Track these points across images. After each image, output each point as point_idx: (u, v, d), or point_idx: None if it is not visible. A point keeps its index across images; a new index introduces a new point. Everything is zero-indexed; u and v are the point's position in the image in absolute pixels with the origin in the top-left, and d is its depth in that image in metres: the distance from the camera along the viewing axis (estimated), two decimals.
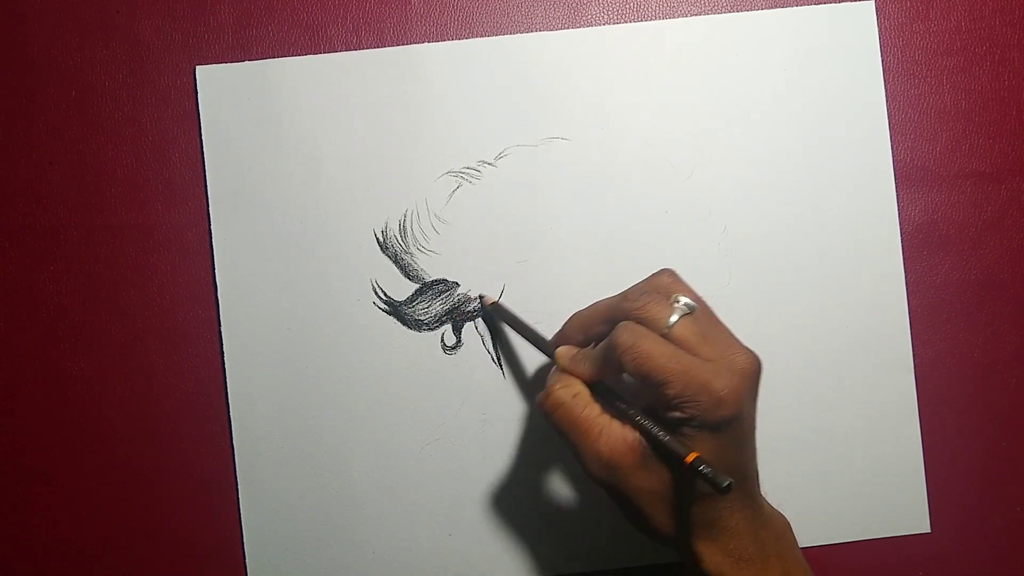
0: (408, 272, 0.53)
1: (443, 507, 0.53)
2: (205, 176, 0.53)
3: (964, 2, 0.54)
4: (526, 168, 0.52)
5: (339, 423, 0.53)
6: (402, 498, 0.53)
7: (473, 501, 0.53)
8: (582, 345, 0.47)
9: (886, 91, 0.53)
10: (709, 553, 0.43)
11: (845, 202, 0.53)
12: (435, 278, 0.53)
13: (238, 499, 0.53)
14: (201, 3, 0.53)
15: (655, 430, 0.41)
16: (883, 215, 0.53)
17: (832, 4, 0.53)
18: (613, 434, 0.43)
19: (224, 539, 0.53)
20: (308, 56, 0.53)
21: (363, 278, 0.53)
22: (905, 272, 0.53)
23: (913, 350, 0.53)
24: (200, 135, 0.53)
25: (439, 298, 0.53)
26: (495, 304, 0.52)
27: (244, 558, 0.53)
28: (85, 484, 0.53)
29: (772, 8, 0.53)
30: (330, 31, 0.53)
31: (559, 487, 0.53)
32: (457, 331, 0.53)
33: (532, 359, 0.53)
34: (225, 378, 0.52)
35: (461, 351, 0.53)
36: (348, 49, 0.53)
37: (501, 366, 0.53)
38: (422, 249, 0.53)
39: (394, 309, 0.53)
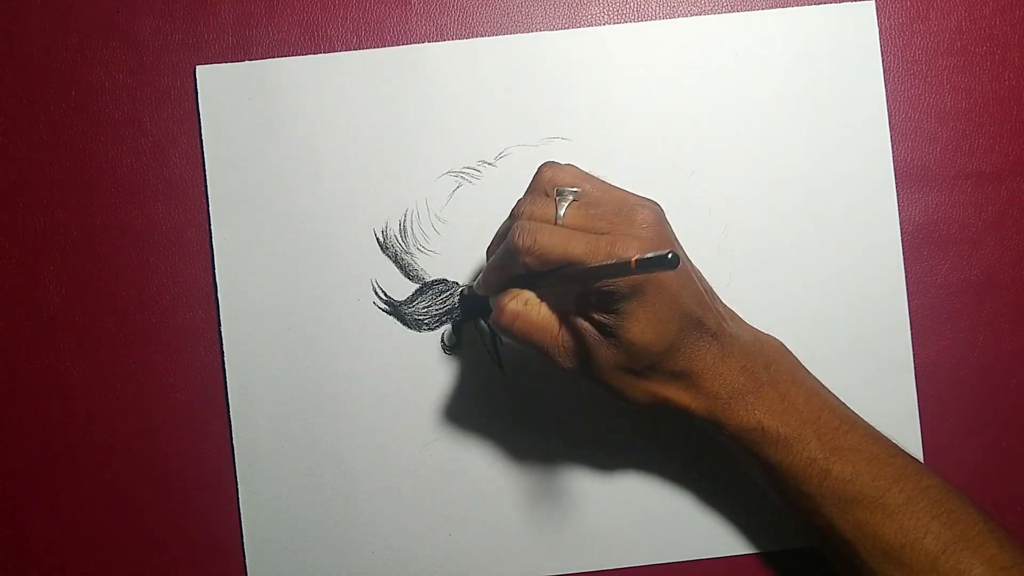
0: (408, 272, 0.53)
1: (443, 507, 0.53)
2: (205, 176, 0.53)
3: (964, 2, 0.54)
4: (526, 168, 0.52)
5: (339, 423, 0.53)
6: (402, 498, 0.53)
7: (473, 501, 0.53)
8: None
9: (886, 91, 0.53)
10: (694, 400, 0.44)
11: (845, 202, 0.53)
12: (435, 278, 0.53)
13: (238, 499, 0.53)
14: (201, 3, 0.53)
15: (595, 272, 0.41)
16: (883, 215, 0.53)
17: (832, 4, 0.53)
18: (570, 322, 0.43)
19: (224, 539, 0.53)
20: (308, 56, 0.53)
21: (363, 278, 0.53)
22: (905, 272, 0.53)
23: (913, 350, 0.53)
24: (200, 135, 0.53)
25: (439, 298, 0.53)
26: (465, 292, 0.52)
27: (244, 558, 0.53)
28: (84, 484, 0.53)
29: (772, 8, 0.53)
30: (330, 31, 0.53)
31: (559, 487, 0.53)
32: (457, 331, 0.53)
33: (533, 359, 0.53)
34: (225, 378, 0.52)
35: (461, 351, 0.53)
36: (348, 49, 0.53)
37: (501, 366, 0.53)
38: (422, 249, 0.53)
39: (394, 309, 0.53)
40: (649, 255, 0.38)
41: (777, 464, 0.45)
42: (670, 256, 0.37)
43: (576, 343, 0.43)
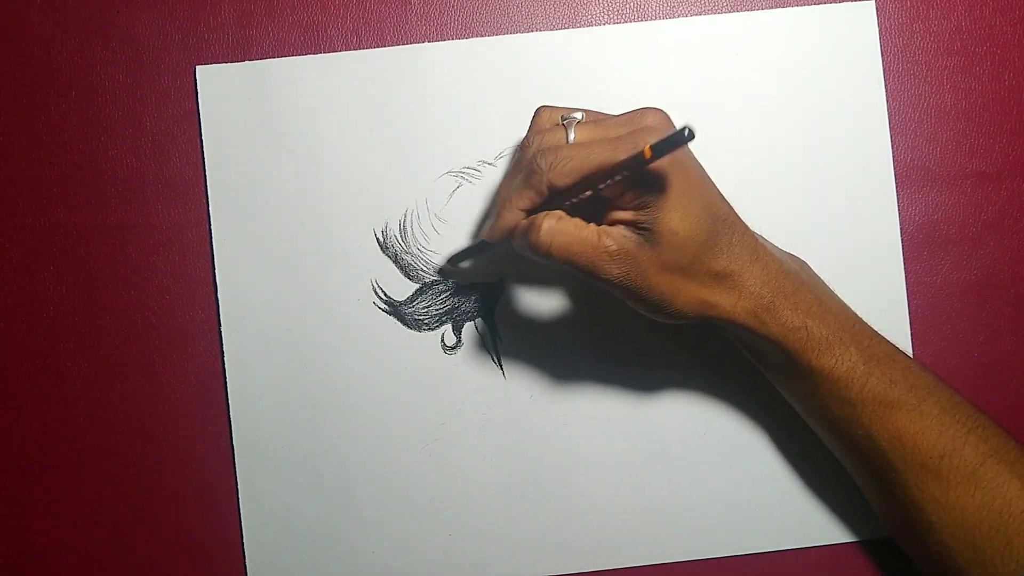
0: (408, 272, 0.53)
1: (443, 507, 0.53)
2: (205, 176, 0.53)
3: (964, 2, 0.54)
4: None
5: (339, 423, 0.53)
6: (402, 498, 0.53)
7: (473, 501, 0.53)
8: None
9: (886, 91, 0.53)
10: (738, 302, 0.44)
11: (845, 202, 0.53)
12: (435, 278, 0.53)
13: (238, 499, 0.53)
14: (201, 3, 0.53)
15: (616, 170, 0.41)
16: (883, 215, 0.53)
17: (832, 4, 0.53)
18: (610, 231, 0.43)
19: (224, 539, 0.53)
20: (308, 56, 0.53)
21: (363, 278, 0.53)
22: (905, 272, 0.53)
23: (913, 350, 0.53)
24: (200, 135, 0.53)
25: (439, 298, 0.53)
26: (452, 257, 0.52)
27: (244, 558, 0.53)
28: (85, 484, 0.53)
29: (772, 8, 0.53)
30: (330, 31, 0.53)
31: (560, 487, 0.53)
32: (457, 331, 0.53)
33: (533, 359, 0.53)
34: (225, 378, 0.52)
35: (461, 351, 0.53)
36: (348, 49, 0.53)
37: (501, 366, 0.53)
38: (422, 249, 0.53)
39: (394, 309, 0.53)
40: (663, 137, 0.38)
41: (819, 368, 0.45)
42: (686, 131, 0.37)
43: (618, 250, 0.43)
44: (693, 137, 0.38)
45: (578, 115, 0.44)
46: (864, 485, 0.48)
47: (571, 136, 0.44)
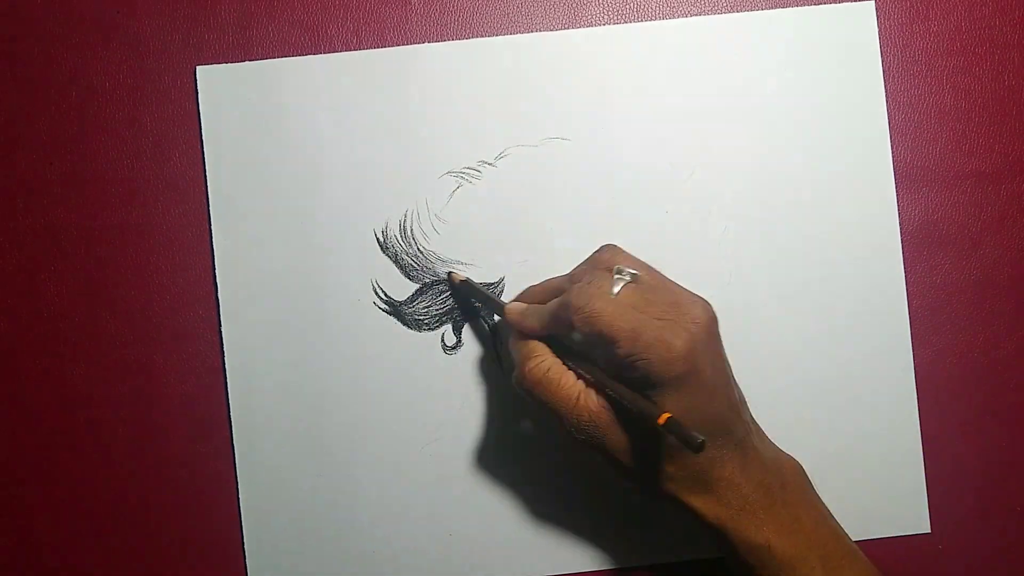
0: (408, 272, 0.53)
1: (443, 507, 0.53)
2: (205, 176, 0.53)
3: (964, 2, 0.54)
4: (526, 168, 0.52)
5: (339, 423, 0.53)
6: (402, 498, 0.53)
7: (473, 501, 0.53)
8: None
9: (886, 91, 0.53)
10: (706, 506, 0.44)
11: (845, 202, 0.53)
12: (435, 278, 0.53)
13: (238, 498, 0.53)
14: (201, 3, 0.53)
15: (625, 397, 0.42)
16: (883, 215, 0.53)
17: (832, 4, 0.53)
18: (591, 397, 0.43)
19: (224, 539, 0.53)
20: (308, 56, 0.53)
21: (363, 278, 0.53)
22: (905, 272, 0.53)
23: (913, 350, 0.53)
24: (200, 135, 0.53)
25: (439, 298, 0.53)
26: (464, 281, 0.52)
27: (244, 558, 0.53)
28: (84, 484, 0.53)
29: (772, 8, 0.53)
30: (330, 31, 0.53)
31: (560, 487, 0.53)
32: (457, 331, 0.53)
33: None
34: (225, 378, 0.52)
35: (461, 351, 0.53)
36: (348, 49, 0.53)
37: (501, 366, 0.53)
38: (423, 249, 0.53)
39: (394, 309, 0.53)
40: (681, 430, 0.39)
41: None
42: (699, 442, 0.38)
43: (589, 421, 0.43)
44: (701, 450, 0.39)
45: (631, 274, 0.43)
46: None
47: (615, 289, 0.43)
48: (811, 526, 0.45)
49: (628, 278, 0.43)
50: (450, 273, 0.52)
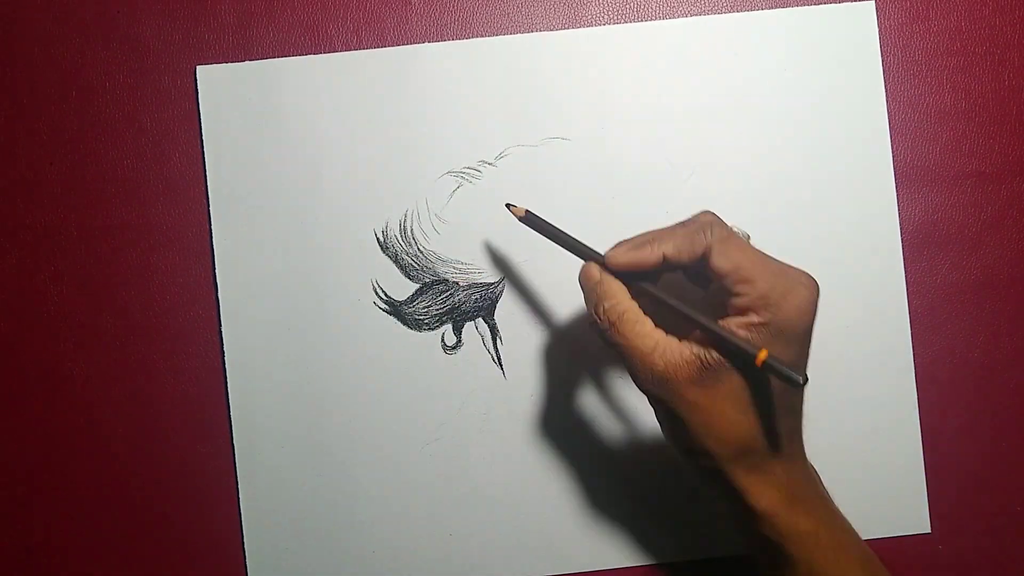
0: (408, 272, 0.53)
1: (443, 507, 0.53)
2: (205, 176, 0.53)
3: (964, 2, 0.54)
4: (526, 168, 0.52)
5: (339, 423, 0.53)
6: (402, 498, 0.53)
7: (473, 501, 0.53)
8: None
9: (886, 91, 0.53)
10: (760, 488, 0.42)
11: (845, 202, 0.53)
12: (435, 278, 0.53)
13: (238, 498, 0.53)
14: (202, 3, 0.53)
15: (720, 330, 0.41)
16: (883, 215, 0.53)
17: (832, 4, 0.53)
18: (670, 348, 0.42)
19: (224, 539, 0.53)
20: (309, 56, 0.53)
21: (363, 278, 0.53)
22: (905, 272, 0.53)
23: (913, 350, 0.53)
24: (201, 135, 0.53)
25: (439, 298, 0.53)
26: (528, 213, 0.48)
27: (244, 557, 0.53)
28: (85, 484, 0.53)
29: (772, 8, 0.53)
30: (330, 31, 0.53)
31: (559, 487, 0.53)
32: (457, 331, 0.53)
33: (533, 359, 0.53)
34: (225, 378, 0.52)
35: (461, 351, 0.53)
36: (348, 49, 0.53)
37: (501, 366, 0.53)
38: (423, 249, 0.53)
39: (394, 309, 0.53)
40: (782, 367, 0.39)
41: (821, 572, 0.43)
42: (802, 379, 0.38)
43: (664, 371, 0.41)
44: (803, 387, 0.39)
45: (747, 232, 0.43)
46: None
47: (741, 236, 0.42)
48: (845, 524, 0.45)
49: (746, 233, 0.43)
50: (510, 206, 0.48)
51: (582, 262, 0.45)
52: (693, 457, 0.43)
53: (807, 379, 0.39)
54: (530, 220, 0.48)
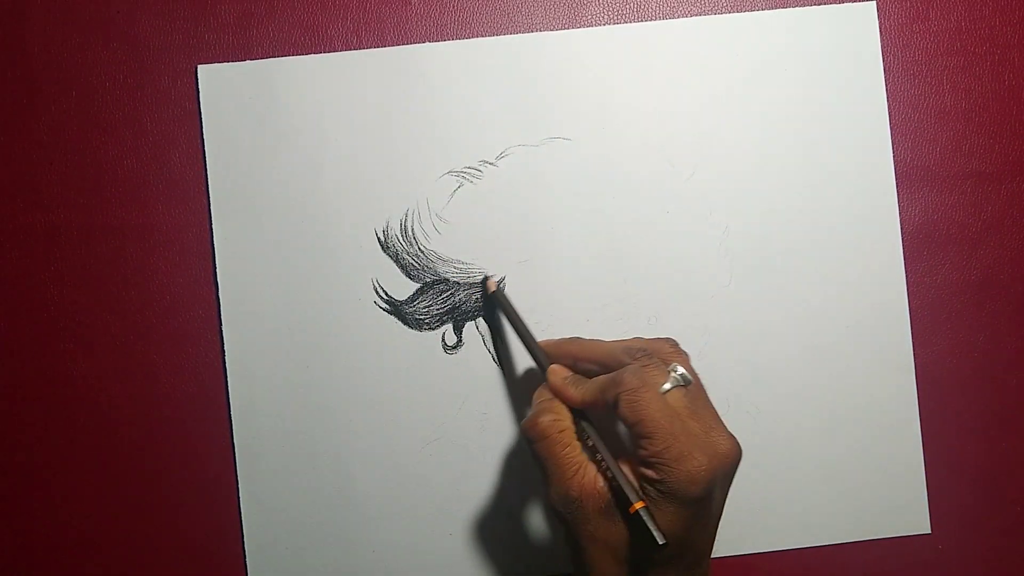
0: (409, 272, 0.53)
1: (443, 507, 0.53)
2: (206, 175, 0.53)
3: (964, 2, 0.54)
4: (527, 168, 0.52)
5: (339, 423, 0.53)
6: (402, 498, 0.53)
7: (473, 501, 0.53)
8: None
9: (887, 91, 0.53)
10: None
11: (846, 202, 0.53)
12: (436, 278, 0.53)
13: (238, 499, 0.53)
14: (202, 3, 0.53)
15: (618, 474, 0.42)
16: (884, 215, 0.53)
17: (833, 5, 0.53)
18: (587, 475, 0.43)
19: (224, 539, 0.53)
20: (309, 56, 0.53)
21: (364, 277, 0.53)
22: (906, 272, 0.53)
23: (913, 350, 0.53)
24: (201, 134, 0.53)
25: (440, 298, 0.53)
26: (496, 292, 0.51)
27: (244, 558, 0.53)
28: (85, 484, 0.53)
29: (773, 8, 0.53)
30: (331, 31, 0.53)
31: None
32: (458, 331, 0.53)
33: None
34: (226, 378, 0.52)
35: (462, 351, 0.53)
36: (348, 49, 0.53)
37: (502, 366, 0.53)
38: (423, 248, 0.53)
39: (395, 308, 0.53)
40: (650, 523, 0.40)
41: None
42: (662, 543, 0.39)
43: (579, 497, 0.42)
44: (662, 551, 0.40)
45: (687, 377, 0.43)
46: None
47: (665, 386, 0.43)
48: None
49: (681, 380, 0.43)
50: (486, 278, 0.52)
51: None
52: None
53: (666, 544, 0.39)
54: (497, 298, 0.51)
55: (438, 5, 0.53)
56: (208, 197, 0.53)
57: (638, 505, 0.40)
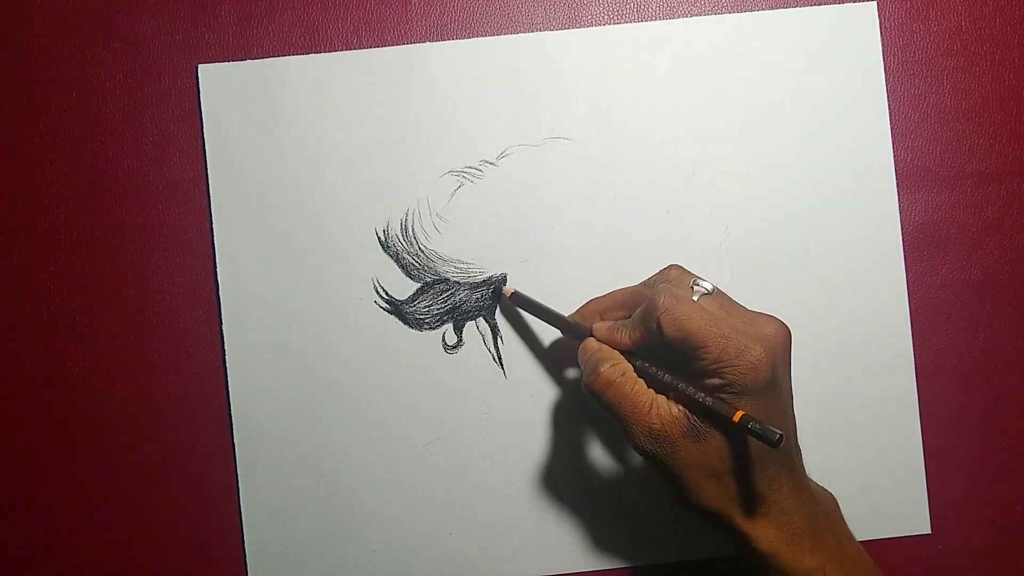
0: (409, 271, 0.53)
1: (443, 507, 0.53)
2: (207, 175, 0.53)
3: (965, 3, 0.54)
4: (528, 168, 0.52)
5: (339, 423, 0.53)
6: (402, 498, 0.53)
7: (473, 501, 0.53)
8: None
9: (887, 91, 0.53)
10: (761, 530, 0.44)
11: (846, 202, 0.53)
12: (437, 277, 0.53)
13: (238, 499, 0.53)
14: (202, 3, 0.53)
15: (700, 395, 0.42)
16: (884, 215, 0.53)
17: (834, 5, 0.53)
18: (663, 406, 0.43)
19: (224, 539, 0.53)
20: (310, 55, 0.53)
21: (364, 277, 0.53)
22: (906, 272, 0.53)
23: (913, 350, 0.53)
24: (202, 134, 0.53)
25: (440, 297, 0.53)
26: (515, 294, 0.52)
27: (244, 558, 0.53)
28: (85, 484, 0.53)
29: (774, 9, 0.53)
30: (331, 30, 0.53)
31: (559, 487, 0.53)
32: (458, 330, 0.53)
33: (533, 359, 0.53)
34: (226, 378, 0.52)
35: (462, 350, 0.53)
36: (349, 48, 0.53)
37: (502, 365, 0.53)
38: (424, 248, 0.53)
39: (395, 308, 0.53)
40: (758, 426, 0.40)
41: None
42: (778, 436, 0.39)
43: (660, 430, 0.43)
44: (779, 446, 0.39)
45: (710, 286, 0.45)
46: None
47: (695, 298, 0.44)
48: (855, 554, 0.45)
49: (705, 290, 0.44)
50: (501, 287, 0.52)
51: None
52: (695, 511, 0.44)
53: (783, 437, 0.40)
54: (518, 299, 0.51)
55: (438, 5, 0.53)
56: (208, 197, 0.53)
57: (738, 416, 0.40)
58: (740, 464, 0.43)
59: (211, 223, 0.53)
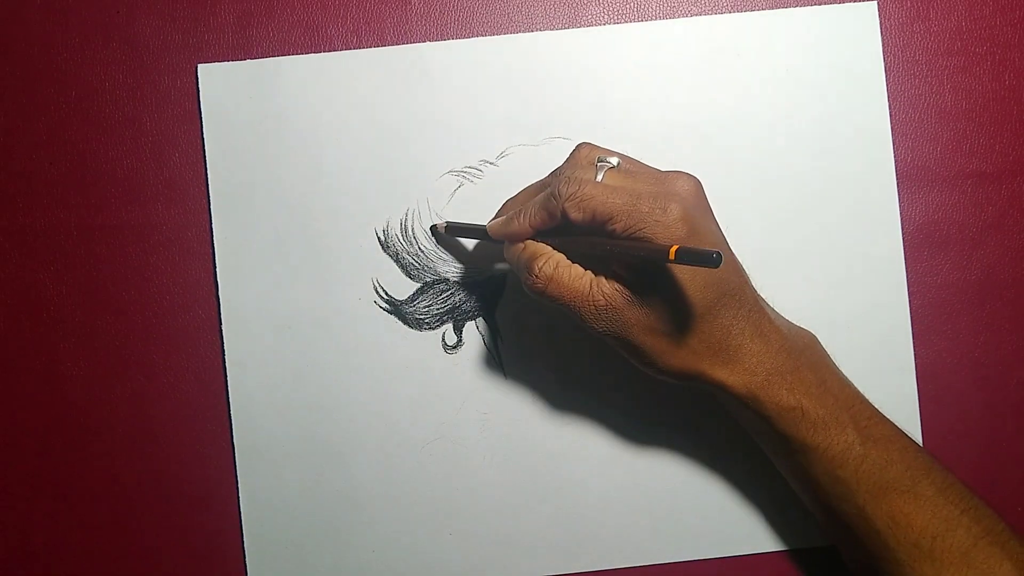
0: (409, 271, 0.53)
1: (443, 507, 0.53)
2: (206, 175, 0.53)
3: (965, 3, 0.54)
4: (528, 167, 0.52)
5: (339, 423, 0.53)
6: (402, 498, 0.53)
7: (473, 501, 0.53)
8: None
9: (887, 91, 0.53)
10: (733, 376, 0.44)
11: (847, 202, 0.53)
12: (436, 277, 0.53)
13: (238, 499, 0.53)
14: (202, 3, 0.53)
15: (633, 248, 0.42)
16: (885, 215, 0.53)
17: (834, 5, 0.53)
18: (601, 283, 0.44)
19: (224, 539, 0.53)
20: (309, 55, 0.53)
21: (364, 277, 0.53)
22: (906, 272, 0.53)
23: (914, 350, 0.53)
24: (201, 134, 0.53)
25: (440, 297, 0.53)
26: (448, 225, 0.51)
27: (244, 558, 0.53)
28: (85, 483, 0.53)
29: (774, 8, 0.53)
30: (331, 30, 0.53)
31: (560, 487, 0.53)
32: (458, 330, 0.53)
33: (534, 359, 0.53)
34: (226, 378, 0.52)
35: (462, 350, 0.53)
36: (348, 48, 0.53)
37: (502, 365, 0.53)
38: (424, 248, 0.53)
39: (395, 308, 0.53)
40: (694, 252, 0.39)
41: (815, 447, 0.45)
42: (715, 255, 0.38)
43: (605, 306, 0.43)
44: (720, 264, 0.38)
45: (614, 160, 0.45)
46: (856, 562, 0.48)
47: (599, 177, 0.44)
48: (837, 388, 0.46)
49: (609, 164, 0.45)
50: (434, 226, 0.52)
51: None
52: (666, 374, 0.45)
53: (720, 255, 0.38)
54: (453, 229, 0.51)
55: (438, 5, 0.53)
56: (208, 197, 0.53)
57: (674, 249, 0.39)
58: (691, 318, 0.43)
59: (211, 223, 0.53)
